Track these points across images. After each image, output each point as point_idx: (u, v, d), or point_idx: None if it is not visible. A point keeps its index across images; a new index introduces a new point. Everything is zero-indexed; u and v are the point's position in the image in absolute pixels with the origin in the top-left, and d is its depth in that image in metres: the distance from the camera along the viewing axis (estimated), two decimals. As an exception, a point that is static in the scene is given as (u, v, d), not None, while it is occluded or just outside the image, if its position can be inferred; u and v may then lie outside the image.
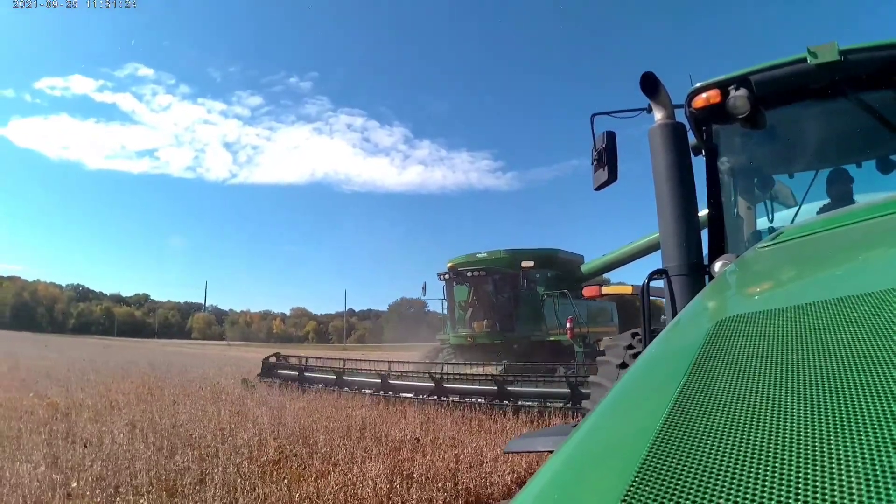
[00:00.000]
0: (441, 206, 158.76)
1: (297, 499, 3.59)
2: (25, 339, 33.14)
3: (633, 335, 3.48)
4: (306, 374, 10.20)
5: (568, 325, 11.37)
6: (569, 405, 6.58)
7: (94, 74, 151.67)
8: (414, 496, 3.68)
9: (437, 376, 8.10)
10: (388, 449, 4.94)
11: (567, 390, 6.79)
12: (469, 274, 12.90)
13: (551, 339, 12.26)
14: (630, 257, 12.54)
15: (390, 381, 8.49)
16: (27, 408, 6.69)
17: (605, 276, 14.43)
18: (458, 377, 8.44)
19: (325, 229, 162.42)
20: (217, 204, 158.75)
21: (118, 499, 3.47)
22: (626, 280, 16.56)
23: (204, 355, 23.20)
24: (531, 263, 12.80)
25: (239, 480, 3.85)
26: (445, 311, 13.84)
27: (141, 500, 3.46)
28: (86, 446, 4.60)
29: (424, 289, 14.06)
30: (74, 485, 3.59)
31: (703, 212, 2.18)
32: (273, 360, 11.38)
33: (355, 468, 4.26)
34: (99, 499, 3.46)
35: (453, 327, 13.46)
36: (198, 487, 3.70)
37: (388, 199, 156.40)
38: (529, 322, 12.75)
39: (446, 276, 13.40)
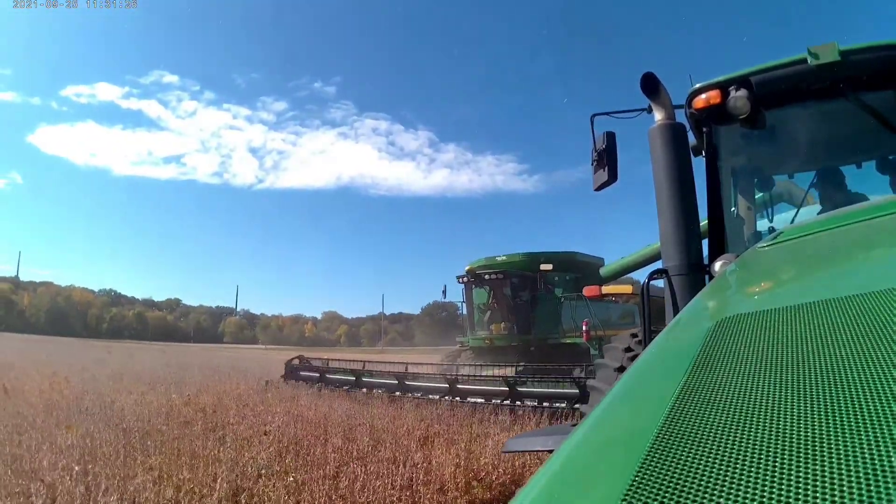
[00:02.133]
0: (468, 209, 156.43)
1: (469, 456, 4.59)
2: (77, 345, 33.51)
3: (633, 336, 3.35)
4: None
5: (583, 327, 11.23)
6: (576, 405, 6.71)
7: (119, 82, 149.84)
8: (528, 458, 4.60)
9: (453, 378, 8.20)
10: (498, 429, 5.97)
11: (576, 391, 6.88)
12: (487, 277, 12.76)
13: (567, 341, 12.04)
14: (650, 259, 12.16)
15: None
16: (169, 407, 6.97)
17: (633, 276, 14.07)
18: (473, 378, 8.48)
19: (354, 233, 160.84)
20: (245, 209, 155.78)
21: (324, 469, 3.95)
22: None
23: (254, 358, 23.32)
24: (550, 266, 12.65)
25: (413, 447, 4.82)
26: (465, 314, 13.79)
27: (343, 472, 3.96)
28: (266, 434, 5.07)
29: (444, 292, 14.02)
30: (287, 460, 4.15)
31: (704, 221, 2.12)
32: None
33: (480, 442, 5.20)
34: (310, 470, 3.93)
35: (472, 330, 13.35)
36: (376, 457, 4.48)
37: (415, 202, 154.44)
38: (546, 325, 12.57)
39: (465, 280, 13.32)
